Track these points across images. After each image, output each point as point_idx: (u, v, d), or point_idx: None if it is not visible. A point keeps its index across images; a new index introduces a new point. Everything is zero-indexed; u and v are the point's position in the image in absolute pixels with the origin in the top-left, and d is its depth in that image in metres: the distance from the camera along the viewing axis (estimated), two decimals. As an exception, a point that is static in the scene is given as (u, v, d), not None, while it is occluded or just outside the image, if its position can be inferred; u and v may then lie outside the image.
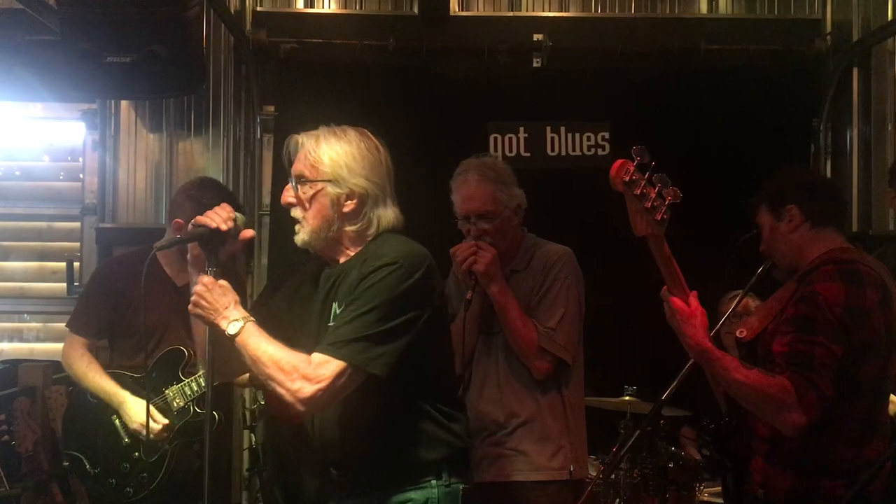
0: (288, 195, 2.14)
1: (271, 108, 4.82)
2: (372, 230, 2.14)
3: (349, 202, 2.11)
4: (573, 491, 2.82)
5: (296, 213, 2.13)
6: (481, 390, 2.79)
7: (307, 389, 1.93)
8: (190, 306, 2.02)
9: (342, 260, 2.16)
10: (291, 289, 2.27)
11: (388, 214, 2.16)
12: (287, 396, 1.94)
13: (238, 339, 1.97)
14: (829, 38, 4.84)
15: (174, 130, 4.55)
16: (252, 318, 2.00)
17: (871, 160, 4.71)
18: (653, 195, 1.95)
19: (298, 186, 2.12)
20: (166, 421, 2.98)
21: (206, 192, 3.00)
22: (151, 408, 2.94)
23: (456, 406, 2.20)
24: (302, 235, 2.13)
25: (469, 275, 2.68)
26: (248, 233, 2.11)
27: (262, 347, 1.96)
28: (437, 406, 2.12)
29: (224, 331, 1.98)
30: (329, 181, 2.10)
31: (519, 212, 2.83)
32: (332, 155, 2.12)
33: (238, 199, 3.22)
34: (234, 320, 1.98)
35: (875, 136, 4.70)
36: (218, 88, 4.58)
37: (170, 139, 4.55)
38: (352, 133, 2.18)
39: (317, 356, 1.96)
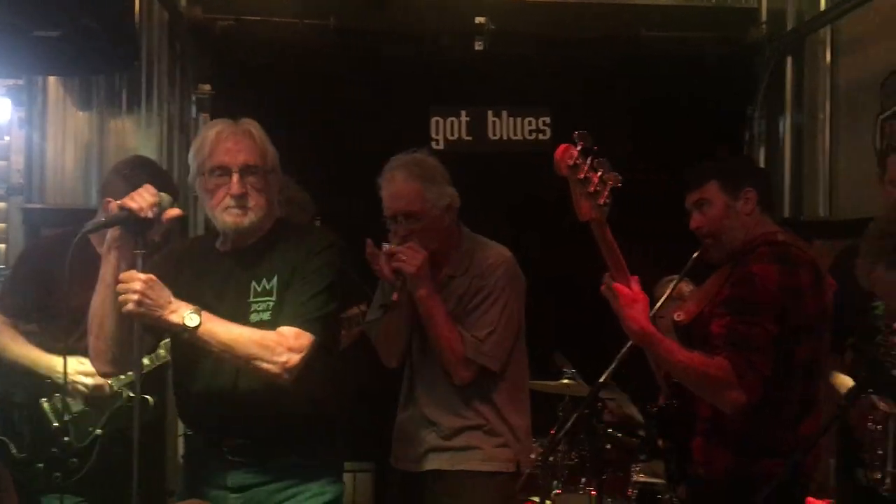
0: (239, 187, 2.15)
1: (207, 87, 4.72)
2: (276, 214, 2.29)
3: (276, 189, 2.26)
4: (515, 479, 2.83)
5: (243, 201, 2.15)
6: (431, 391, 2.74)
7: (295, 359, 2.05)
8: (131, 306, 1.95)
9: (251, 242, 2.23)
10: (173, 276, 2.21)
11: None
12: (274, 369, 2.04)
13: (202, 329, 2.00)
14: (764, 26, 4.95)
15: (105, 108, 4.42)
16: (198, 307, 2.02)
17: (804, 148, 4.85)
18: (595, 180, 1.98)
19: (250, 176, 2.16)
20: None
21: (140, 172, 2.93)
22: (81, 361, 2.85)
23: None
24: (251, 218, 2.17)
25: (397, 275, 2.60)
26: (173, 212, 2.07)
27: (234, 330, 2.03)
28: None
29: (179, 324, 1.99)
30: (272, 170, 2.23)
31: (451, 211, 2.71)
32: (270, 146, 2.24)
33: (172, 179, 3.14)
34: (189, 312, 2.00)
35: (807, 124, 4.83)
36: (151, 66, 4.46)
37: (100, 117, 4.42)
38: None
39: (289, 329, 2.08)
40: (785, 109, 4.93)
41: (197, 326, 1.99)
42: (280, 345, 2.04)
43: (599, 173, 1.98)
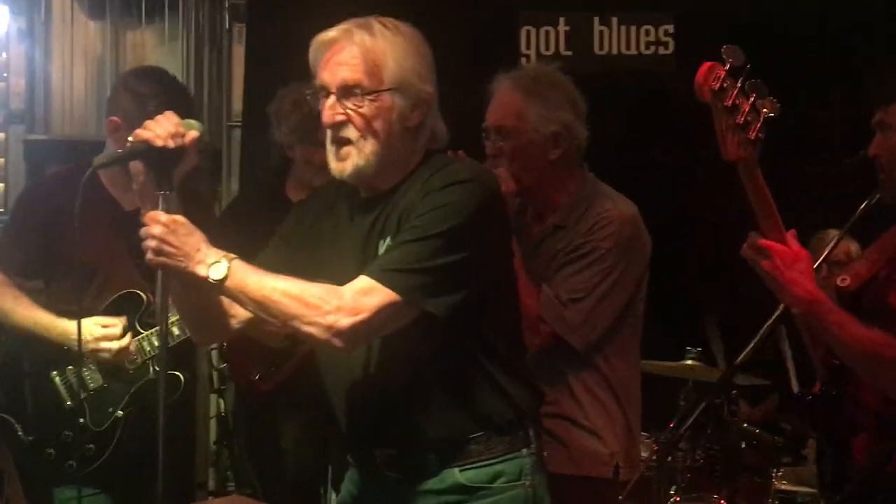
0: (336, 113, 2.08)
1: (242, -8, 4.77)
2: (425, 146, 2.17)
3: (415, 114, 2.12)
4: (613, 487, 2.82)
5: (348, 132, 2.08)
6: None
7: (344, 321, 1.95)
8: (149, 255, 1.95)
9: (386, 186, 2.15)
10: (310, 223, 2.24)
11: (441, 127, 2.19)
12: (319, 334, 1.96)
13: (229, 283, 1.95)
14: None
15: (120, 18, 4.49)
16: (234, 255, 1.98)
17: None
18: (746, 108, 1.95)
19: (352, 100, 2.08)
20: (123, 321, 2.97)
21: (146, 82, 2.96)
22: (103, 323, 2.93)
23: (522, 368, 2.24)
24: (356, 161, 2.09)
25: None
26: (191, 134, 2.04)
27: (268, 284, 1.97)
28: (508, 363, 2.15)
29: (205, 278, 1.96)
30: (395, 90, 2.09)
31: (561, 143, 2.73)
32: (398, 56, 2.10)
33: (190, 95, 3.14)
34: (215, 263, 1.95)
35: None
36: (176, -35, 4.52)
37: (115, 28, 4.50)
38: (403, 25, 2.17)
39: (362, 281, 1.98)
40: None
41: (223, 279, 1.95)
42: (326, 302, 1.95)
43: (751, 100, 1.95)
